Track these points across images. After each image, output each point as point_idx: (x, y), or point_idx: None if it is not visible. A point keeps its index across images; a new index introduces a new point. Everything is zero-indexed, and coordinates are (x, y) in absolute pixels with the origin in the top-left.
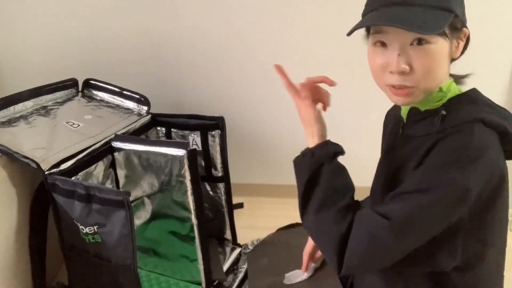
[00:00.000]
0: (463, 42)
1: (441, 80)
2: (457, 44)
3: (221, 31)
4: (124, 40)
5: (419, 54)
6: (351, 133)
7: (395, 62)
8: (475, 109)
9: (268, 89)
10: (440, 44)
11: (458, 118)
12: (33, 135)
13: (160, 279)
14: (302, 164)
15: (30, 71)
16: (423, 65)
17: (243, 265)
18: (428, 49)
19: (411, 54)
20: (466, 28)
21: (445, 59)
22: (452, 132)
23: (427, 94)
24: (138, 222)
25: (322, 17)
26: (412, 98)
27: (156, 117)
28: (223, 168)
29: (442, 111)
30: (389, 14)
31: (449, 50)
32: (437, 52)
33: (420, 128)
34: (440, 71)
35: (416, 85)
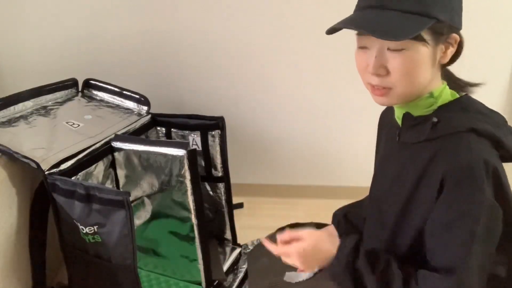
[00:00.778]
0: (453, 47)
1: (423, 85)
2: (444, 49)
3: (221, 31)
4: (124, 40)
5: (395, 58)
6: (351, 133)
7: (372, 64)
8: (466, 117)
9: (268, 89)
10: (418, 50)
11: (450, 126)
12: (33, 135)
13: (160, 279)
14: (337, 277)
15: (30, 71)
16: (398, 69)
17: (243, 265)
18: (404, 55)
19: (388, 58)
20: (456, 34)
21: (426, 65)
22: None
23: (406, 97)
24: (138, 222)
25: (322, 17)
26: (388, 99)
27: (156, 117)
28: (223, 168)
29: (433, 118)
30: (361, 19)
31: (431, 55)
32: (414, 58)
33: (413, 134)
34: (419, 76)
35: (393, 87)
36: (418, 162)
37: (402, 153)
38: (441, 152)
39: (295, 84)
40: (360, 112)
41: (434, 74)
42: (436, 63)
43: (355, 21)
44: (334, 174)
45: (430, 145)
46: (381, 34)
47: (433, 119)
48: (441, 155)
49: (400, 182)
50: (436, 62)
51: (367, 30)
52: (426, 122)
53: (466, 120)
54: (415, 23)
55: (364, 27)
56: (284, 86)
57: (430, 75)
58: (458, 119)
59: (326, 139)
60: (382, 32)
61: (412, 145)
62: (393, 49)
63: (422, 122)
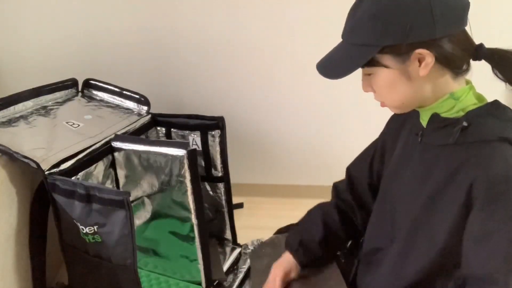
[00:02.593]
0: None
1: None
2: (418, 63)
3: (221, 31)
4: (124, 40)
5: (371, 81)
6: (351, 133)
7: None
8: (498, 125)
9: (268, 89)
10: (380, 73)
11: (481, 133)
12: (33, 135)
13: (160, 279)
14: None
15: (30, 71)
16: (375, 89)
17: (243, 265)
18: (373, 79)
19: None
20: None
21: (399, 83)
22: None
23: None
24: (138, 222)
25: (323, 17)
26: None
27: (156, 117)
28: (223, 168)
29: (463, 122)
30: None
31: (399, 75)
32: (380, 80)
33: (439, 137)
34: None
35: (384, 101)
36: (443, 167)
37: (425, 154)
38: (472, 159)
39: (295, 84)
40: (360, 112)
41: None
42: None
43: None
44: (334, 174)
45: (458, 149)
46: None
47: (463, 123)
48: (472, 163)
49: (422, 183)
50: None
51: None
52: (455, 125)
53: (498, 128)
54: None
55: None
56: (284, 86)
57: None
58: (490, 126)
59: (326, 139)
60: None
61: (438, 147)
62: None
63: (451, 125)
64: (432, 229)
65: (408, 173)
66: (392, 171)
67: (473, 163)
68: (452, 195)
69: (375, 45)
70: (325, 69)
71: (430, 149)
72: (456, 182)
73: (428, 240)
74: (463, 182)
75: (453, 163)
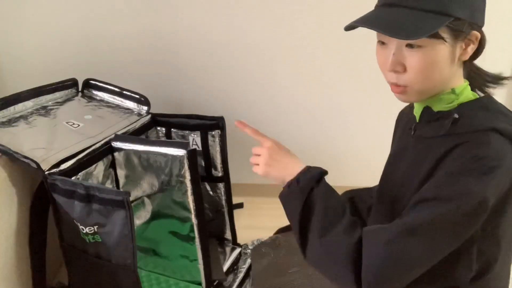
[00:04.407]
0: (474, 44)
1: (442, 82)
2: (465, 46)
3: (221, 31)
4: (124, 40)
5: (412, 56)
6: (351, 133)
7: (389, 61)
8: (488, 116)
9: (268, 89)
10: (436, 48)
11: (471, 124)
12: (33, 135)
13: (160, 279)
14: (290, 196)
15: (30, 71)
16: (415, 67)
17: (243, 265)
18: (420, 53)
19: (406, 55)
20: (476, 31)
21: (444, 63)
22: (467, 139)
23: (424, 94)
24: (138, 222)
25: (323, 16)
26: (406, 96)
27: (156, 117)
28: (223, 168)
29: (455, 114)
30: (377, 17)
31: (449, 53)
32: (431, 56)
33: (431, 129)
34: (436, 74)
35: (410, 84)
36: (434, 155)
37: (416, 147)
38: (459, 146)
39: (295, 84)
40: (361, 112)
41: (455, 71)
42: (456, 60)
43: (371, 20)
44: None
45: (447, 140)
46: (393, 33)
47: (454, 115)
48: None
49: (413, 175)
50: (455, 59)
51: (380, 29)
52: (446, 118)
53: (488, 119)
54: (431, 22)
55: (378, 26)
56: (284, 86)
57: (449, 73)
58: (479, 117)
59: (326, 139)
60: (395, 31)
61: (428, 139)
62: (410, 47)
63: (442, 118)
64: None
65: (402, 166)
66: (389, 166)
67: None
68: None
69: (446, 14)
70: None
71: (423, 141)
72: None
73: None
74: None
75: (442, 151)
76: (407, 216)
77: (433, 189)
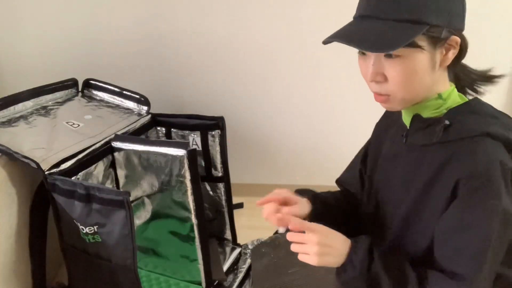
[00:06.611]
0: (456, 49)
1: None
2: (445, 52)
3: (221, 31)
4: (124, 40)
5: (391, 66)
6: (351, 133)
7: (369, 72)
8: (479, 120)
9: (268, 89)
10: (414, 56)
11: (463, 130)
12: (33, 135)
13: (160, 279)
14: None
15: (30, 71)
16: (395, 76)
17: (243, 265)
18: (399, 62)
19: (385, 65)
20: (456, 36)
21: (424, 70)
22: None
23: (408, 102)
24: (138, 222)
25: (322, 16)
26: (391, 104)
27: (156, 117)
28: (223, 168)
29: (445, 121)
30: (351, 31)
31: (429, 61)
32: (410, 65)
33: (423, 137)
34: (417, 81)
35: (392, 93)
36: (429, 165)
37: (409, 155)
38: (455, 156)
39: (295, 84)
40: (360, 113)
41: (438, 77)
42: (437, 67)
43: (345, 34)
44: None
45: (442, 148)
46: (366, 47)
47: (444, 122)
48: (456, 159)
49: (408, 184)
50: (436, 65)
51: (354, 43)
52: (437, 125)
53: (479, 124)
54: (406, 32)
55: (351, 41)
56: (284, 86)
57: (431, 79)
58: (471, 122)
59: (326, 139)
60: (368, 44)
61: (421, 147)
62: (389, 57)
63: (433, 125)
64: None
65: (395, 174)
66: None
67: (457, 159)
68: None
69: (421, 23)
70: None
71: (415, 149)
72: (441, 179)
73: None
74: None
75: (437, 162)
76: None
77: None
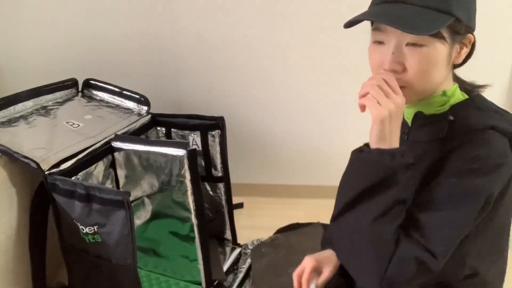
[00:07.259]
0: (467, 48)
1: (437, 84)
2: (459, 49)
3: (220, 31)
4: (124, 41)
5: (413, 55)
6: (351, 133)
7: (388, 60)
8: (483, 115)
9: (268, 89)
10: (436, 47)
11: (467, 125)
12: (33, 135)
13: (160, 279)
14: (375, 164)
15: (30, 71)
16: (415, 66)
17: (243, 265)
18: (422, 51)
19: (406, 54)
20: (471, 34)
21: (442, 63)
22: (466, 141)
23: (420, 96)
24: (138, 222)
25: (322, 17)
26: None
27: (156, 117)
28: (223, 168)
29: (449, 116)
30: (385, 11)
31: (447, 54)
32: (432, 55)
33: (426, 133)
34: (435, 74)
35: (408, 85)
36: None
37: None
38: (458, 147)
39: (295, 84)
40: (361, 113)
41: (447, 74)
42: (451, 63)
43: (378, 14)
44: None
45: (445, 143)
46: (404, 28)
47: (449, 117)
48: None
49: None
50: (451, 61)
51: (390, 22)
52: (441, 121)
53: (484, 118)
54: (436, 19)
55: (387, 20)
56: (284, 86)
57: (445, 74)
58: (474, 117)
59: (326, 139)
60: (405, 25)
61: (424, 144)
62: (412, 45)
63: (437, 121)
64: None
65: None
66: None
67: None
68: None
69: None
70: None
71: (418, 146)
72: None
73: None
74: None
75: (439, 154)
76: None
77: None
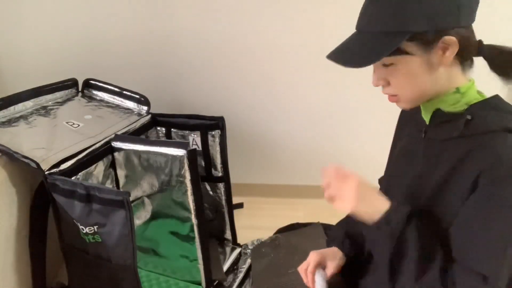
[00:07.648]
0: (453, 48)
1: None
2: (442, 52)
3: (221, 31)
4: (124, 41)
5: (388, 73)
6: (350, 133)
7: (373, 78)
8: (501, 117)
9: (268, 89)
10: (406, 62)
11: (484, 125)
12: (33, 135)
13: (160, 279)
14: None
15: (30, 71)
16: (395, 81)
17: (243, 265)
18: (396, 69)
19: (385, 72)
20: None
21: (422, 73)
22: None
23: (418, 100)
24: (138, 222)
25: (322, 17)
26: (403, 104)
27: (156, 117)
28: (223, 168)
29: (467, 116)
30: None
31: (423, 64)
32: (405, 70)
33: (444, 131)
34: (420, 83)
35: (398, 94)
36: (448, 159)
37: (429, 150)
38: (476, 150)
39: (295, 84)
40: (360, 113)
41: (448, 73)
42: (438, 66)
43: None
44: None
45: (462, 142)
46: (344, 63)
47: (467, 116)
48: (477, 152)
49: (427, 178)
50: (435, 66)
51: (333, 58)
52: (458, 119)
53: (501, 120)
54: (386, 44)
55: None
56: (284, 86)
57: (434, 78)
58: (492, 118)
59: (326, 139)
60: (345, 60)
61: (440, 142)
62: (384, 65)
63: (454, 119)
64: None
65: (411, 170)
66: (395, 170)
67: (477, 152)
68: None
69: (403, 32)
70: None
71: (434, 144)
72: (461, 172)
73: None
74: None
75: (457, 155)
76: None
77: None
